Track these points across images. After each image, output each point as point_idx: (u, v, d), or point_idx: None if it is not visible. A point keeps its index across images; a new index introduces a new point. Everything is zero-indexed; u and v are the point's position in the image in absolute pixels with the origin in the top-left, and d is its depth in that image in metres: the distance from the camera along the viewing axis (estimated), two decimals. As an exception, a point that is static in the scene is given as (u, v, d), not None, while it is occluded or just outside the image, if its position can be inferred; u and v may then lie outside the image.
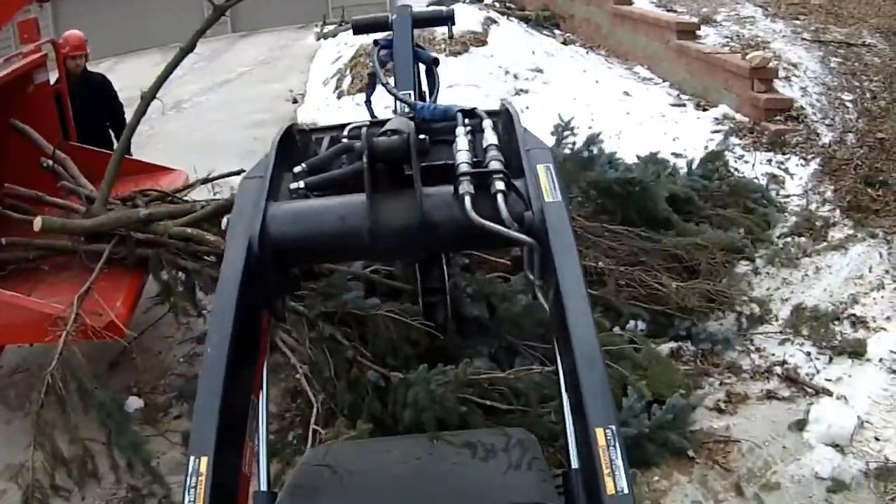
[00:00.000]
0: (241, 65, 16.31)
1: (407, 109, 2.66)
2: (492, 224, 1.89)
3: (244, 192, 2.17)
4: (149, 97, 5.23)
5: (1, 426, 5.27)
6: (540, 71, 11.18)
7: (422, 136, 2.12)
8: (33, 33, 6.29)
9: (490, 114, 2.50)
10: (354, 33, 3.68)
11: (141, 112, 5.29)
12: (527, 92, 10.48)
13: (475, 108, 2.53)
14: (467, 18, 12.22)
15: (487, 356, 4.45)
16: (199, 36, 5.22)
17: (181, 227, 4.94)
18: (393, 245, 2.19)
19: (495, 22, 12.77)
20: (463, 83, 9.78)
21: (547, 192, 2.00)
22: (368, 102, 3.34)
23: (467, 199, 1.95)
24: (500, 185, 1.99)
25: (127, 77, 7.69)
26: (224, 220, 3.70)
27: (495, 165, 2.07)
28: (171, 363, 5.68)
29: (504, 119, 2.46)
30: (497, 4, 16.37)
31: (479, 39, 11.77)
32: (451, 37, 3.61)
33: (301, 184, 2.26)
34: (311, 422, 4.09)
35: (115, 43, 18.95)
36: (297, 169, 2.33)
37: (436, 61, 3.30)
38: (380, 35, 3.30)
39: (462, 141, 2.23)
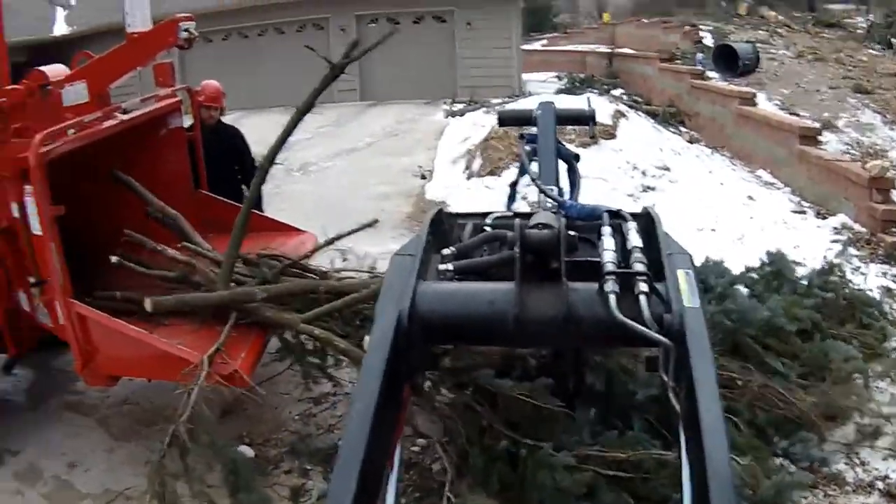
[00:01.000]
0: (369, 134, 16.46)
1: (550, 203, 2.75)
2: (634, 323, 1.98)
3: (396, 268, 2.29)
4: (271, 156, 5.28)
5: (103, 453, 5.49)
6: (667, 169, 11.21)
7: (571, 233, 2.22)
8: (168, 77, 6.43)
9: (634, 216, 2.58)
10: (500, 125, 3.82)
11: (264, 172, 5.32)
12: (654, 189, 10.51)
13: (620, 210, 2.62)
14: (597, 109, 12.29)
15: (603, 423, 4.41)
16: (316, 96, 5.20)
17: (307, 325, 4.94)
18: (536, 334, 2.26)
19: (624, 115, 12.85)
20: (591, 176, 9.77)
21: (687, 297, 2.07)
22: (513, 192, 3.46)
23: (612, 298, 2.04)
24: (643, 286, 2.09)
25: (251, 133, 7.90)
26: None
27: (639, 267, 2.18)
28: (286, 419, 5.75)
29: (646, 222, 2.53)
30: (625, 97, 16.50)
31: (609, 132, 11.82)
32: (592, 136, 3.68)
33: (450, 266, 2.37)
34: (447, 489, 4.12)
35: (242, 97, 19.05)
36: (445, 251, 2.45)
37: (577, 157, 3.40)
38: (524, 129, 3.42)
39: (608, 241, 2.34)
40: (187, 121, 6.65)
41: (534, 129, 3.51)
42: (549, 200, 2.87)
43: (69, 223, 4.76)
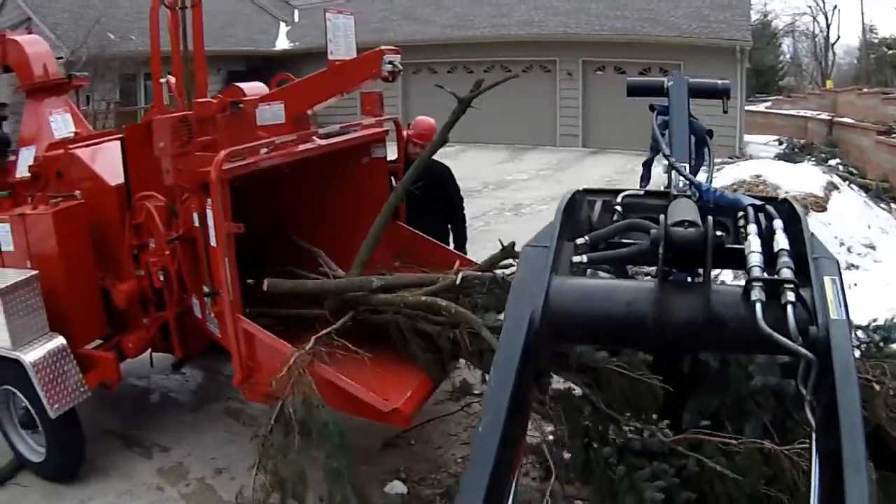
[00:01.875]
0: (586, 181, 16.16)
1: (682, 184, 2.56)
2: (779, 336, 1.84)
3: (529, 261, 2.16)
4: (406, 185, 5.53)
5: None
6: (873, 248, 10.72)
7: (718, 233, 2.05)
8: (376, 107, 6.45)
9: (777, 209, 2.37)
10: (629, 94, 3.63)
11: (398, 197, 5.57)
12: (857, 268, 10.03)
13: (766, 205, 2.42)
14: (810, 180, 11.98)
15: (713, 414, 4.18)
16: (449, 130, 5.30)
17: (417, 297, 4.92)
18: (675, 337, 2.14)
19: (837, 188, 12.32)
20: None
21: (833, 308, 1.93)
22: (646, 171, 3.24)
23: (758, 308, 1.90)
24: (790, 295, 1.93)
25: (467, 167, 7.92)
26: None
27: (787, 273, 2.01)
28: (447, 460, 5.71)
29: (789, 216, 2.31)
30: (841, 168, 15.74)
31: (820, 205, 11.39)
32: (725, 111, 3.44)
33: (584, 258, 2.23)
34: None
35: (461, 131, 19.39)
36: (579, 241, 2.31)
37: (710, 133, 3.17)
38: (656, 101, 3.21)
39: (755, 241, 2.16)
40: (391, 153, 6.68)
41: (665, 102, 3.30)
42: (683, 181, 2.64)
43: (254, 233, 4.89)
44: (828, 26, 52.22)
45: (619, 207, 2.64)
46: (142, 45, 25.00)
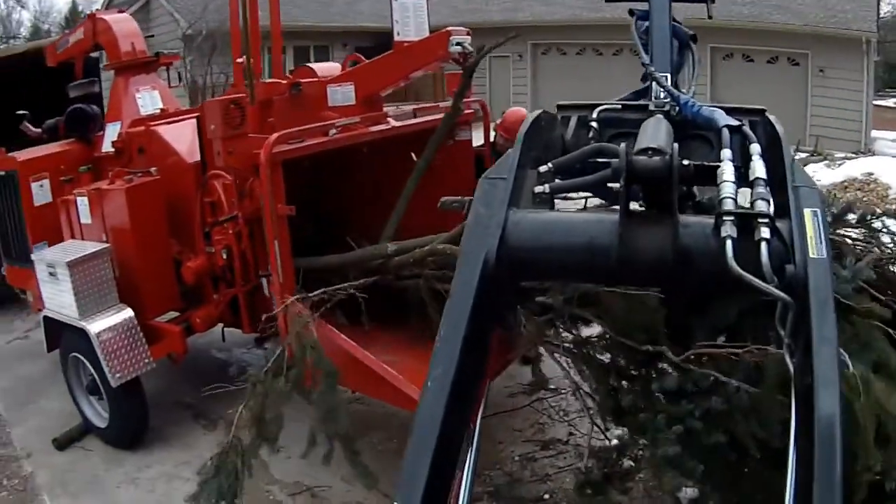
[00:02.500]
0: None
1: (664, 95, 2.36)
2: (751, 277, 1.72)
3: (485, 194, 2.01)
4: (423, 165, 5.38)
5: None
6: None
7: (685, 162, 1.90)
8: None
9: (752, 123, 2.17)
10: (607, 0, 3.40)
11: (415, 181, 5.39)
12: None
13: (743, 127, 2.21)
14: None
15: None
16: (459, 99, 5.34)
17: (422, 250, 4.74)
18: (640, 275, 2.04)
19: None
20: None
21: (812, 245, 1.79)
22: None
23: (729, 245, 1.77)
24: (765, 231, 1.80)
25: None
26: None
27: (762, 207, 1.87)
28: (505, 457, 5.57)
29: (768, 134, 2.11)
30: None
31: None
32: (710, 17, 3.16)
33: (546, 188, 2.07)
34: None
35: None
36: (542, 168, 2.15)
37: (694, 38, 2.91)
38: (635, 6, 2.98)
39: (728, 169, 1.97)
40: (477, 137, 6.51)
41: (645, 7, 3.04)
42: (664, 92, 2.43)
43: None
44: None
45: (594, 124, 2.44)
46: (261, 19, 25.47)
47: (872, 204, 10.65)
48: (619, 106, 2.52)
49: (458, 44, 5.32)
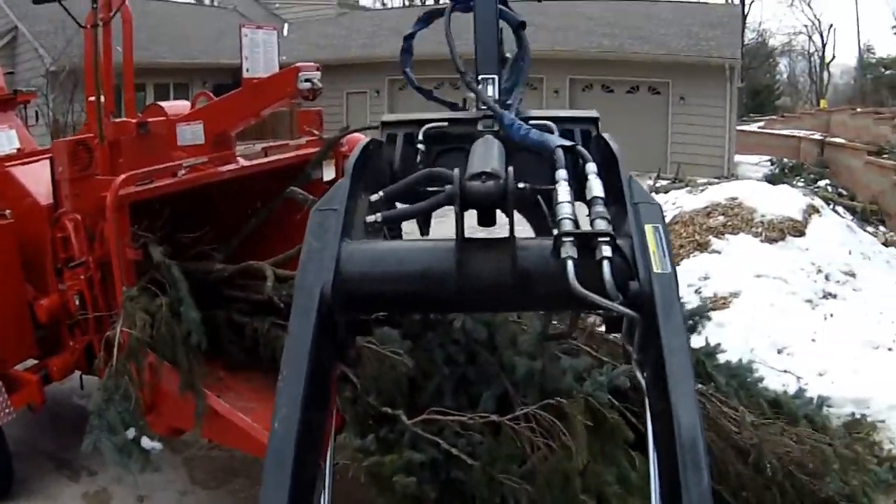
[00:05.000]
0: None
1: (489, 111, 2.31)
2: (594, 296, 1.67)
3: (316, 227, 1.93)
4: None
5: (176, 494, 5.57)
6: (853, 275, 10.31)
7: (521, 185, 1.86)
8: (316, 125, 6.21)
9: (584, 138, 2.19)
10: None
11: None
12: (835, 297, 9.62)
13: (577, 147, 2.19)
14: (789, 203, 11.68)
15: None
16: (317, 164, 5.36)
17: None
18: (479, 300, 1.97)
19: (818, 211, 12.03)
20: (770, 275, 9.40)
21: (656, 260, 1.76)
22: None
23: (570, 266, 1.71)
24: (606, 250, 1.75)
25: None
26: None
27: (602, 226, 1.82)
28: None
29: (604, 158, 2.13)
30: (829, 189, 15.61)
31: (797, 229, 11.11)
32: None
33: (378, 217, 2.05)
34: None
35: None
36: (374, 197, 2.11)
37: (523, 25, 2.67)
38: None
39: (564, 191, 1.94)
40: (328, 173, 6.36)
41: None
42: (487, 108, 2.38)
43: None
44: (823, 46, 52.47)
45: (421, 145, 2.39)
46: (116, 55, 24.86)
47: (737, 228, 11.01)
48: (447, 121, 2.45)
49: (306, 80, 5.30)
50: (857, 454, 4.63)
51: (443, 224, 2.14)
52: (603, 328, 4.24)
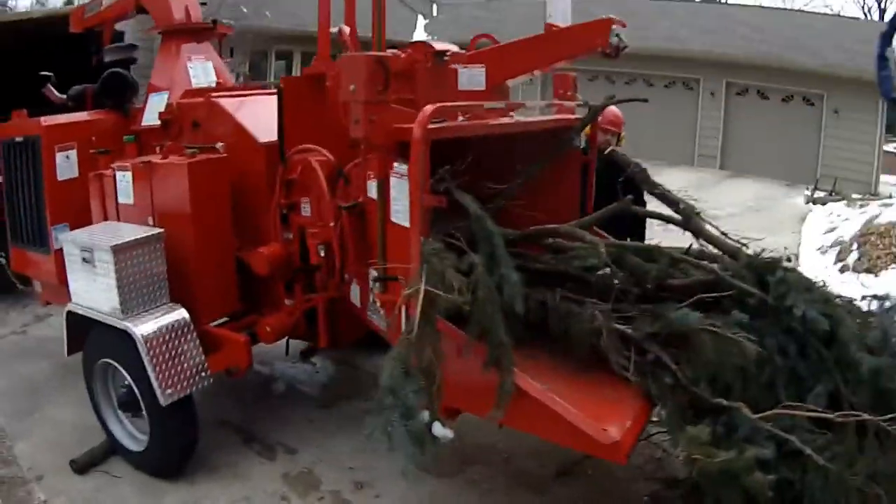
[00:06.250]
0: (730, 204, 15.41)
1: None
2: None
3: None
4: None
5: (401, 482, 4.70)
6: None
7: None
8: (570, 89, 5.35)
9: None
10: None
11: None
12: None
13: None
14: None
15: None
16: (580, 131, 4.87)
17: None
18: None
19: None
20: None
21: None
22: None
23: None
24: None
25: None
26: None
27: None
28: (631, 496, 4.68)
29: None
30: None
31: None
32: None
33: None
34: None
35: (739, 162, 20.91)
36: None
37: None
38: None
39: None
40: (582, 142, 5.58)
41: None
42: None
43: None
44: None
45: None
46: (275, 21, 24.64)
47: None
48: None
49: (617, 35, 4.53)
50: None
51: None
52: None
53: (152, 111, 5.69)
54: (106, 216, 5.17)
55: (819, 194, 17.66)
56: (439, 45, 4.77)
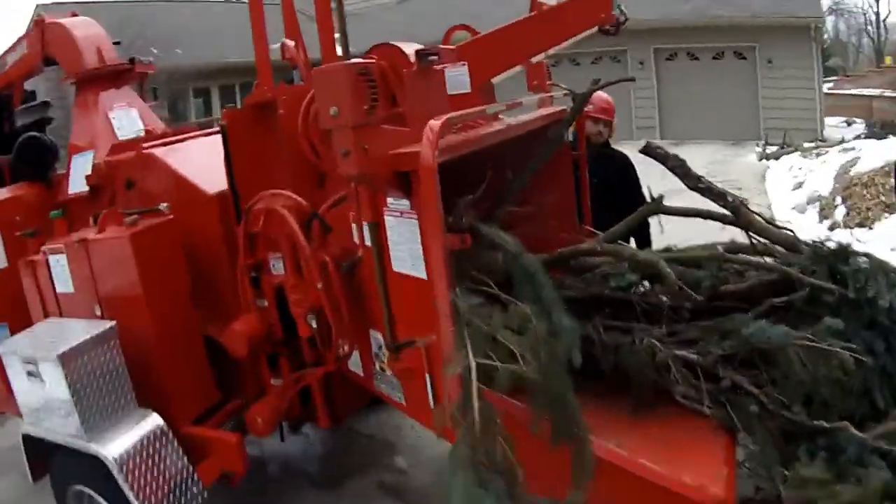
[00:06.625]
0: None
1: None
2: None
3: None
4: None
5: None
6: None
7: None
8: (543, 80, 4.68)
9: None
10: None
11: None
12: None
13: None
14: None
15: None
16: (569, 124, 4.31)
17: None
18: None
19: None
20: None
21: None
22: None
23: None
24: None
25: None
26: None
27: None
28: None
29: None
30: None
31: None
32: None
33: None
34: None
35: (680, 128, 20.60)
36: None
37: None
38: None
39: None
40: (570, 135, 4.88)
41: None
42: None
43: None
44: (877, 1, 50.44)
45: None
46: (187, 58, 23.70)
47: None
48: None
49: (619, 7, 3.97)
50: None
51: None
52: None
53: (78, 176, 4.93)
54: (46, 311, 4.40)
55: (771, 149, 17.55)
56: (405, 47, 3.97)
